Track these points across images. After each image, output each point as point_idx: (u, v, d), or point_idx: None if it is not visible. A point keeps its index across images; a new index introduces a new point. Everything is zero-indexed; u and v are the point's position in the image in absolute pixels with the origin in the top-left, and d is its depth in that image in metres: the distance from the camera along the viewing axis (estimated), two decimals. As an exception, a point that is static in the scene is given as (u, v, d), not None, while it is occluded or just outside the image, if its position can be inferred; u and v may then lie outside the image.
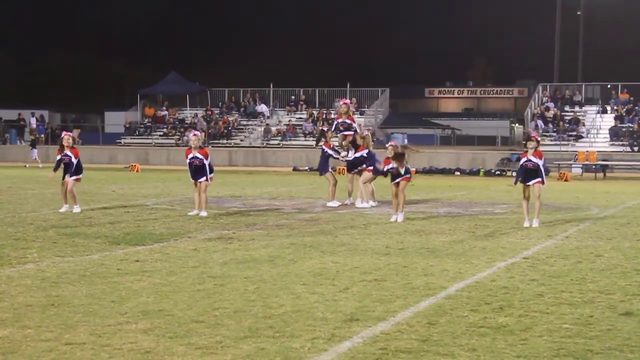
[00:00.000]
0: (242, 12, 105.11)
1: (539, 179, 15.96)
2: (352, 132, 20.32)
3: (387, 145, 17.46)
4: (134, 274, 10.12)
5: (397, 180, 16.83)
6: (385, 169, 17.43)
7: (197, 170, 17.36)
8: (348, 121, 20.50)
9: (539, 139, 16.74)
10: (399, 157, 16.92)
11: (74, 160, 17.87)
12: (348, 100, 22.35)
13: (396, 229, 15.16)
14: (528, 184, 15.96)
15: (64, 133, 18.39)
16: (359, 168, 20.00)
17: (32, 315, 7.86)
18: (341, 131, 20.43)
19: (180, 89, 56.11)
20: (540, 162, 15.95)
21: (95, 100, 79.75)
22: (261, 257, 11.57)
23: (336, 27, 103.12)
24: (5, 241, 12.96)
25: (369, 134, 21.50)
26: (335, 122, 21.07)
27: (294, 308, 8.27)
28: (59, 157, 18.05)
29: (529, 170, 15.99)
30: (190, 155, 17.39)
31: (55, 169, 18.13)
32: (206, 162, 17.28)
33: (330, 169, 20.50)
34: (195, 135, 17.68)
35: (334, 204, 19.85)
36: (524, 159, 16.08)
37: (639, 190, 27.21)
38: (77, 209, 17.66)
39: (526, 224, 15.79)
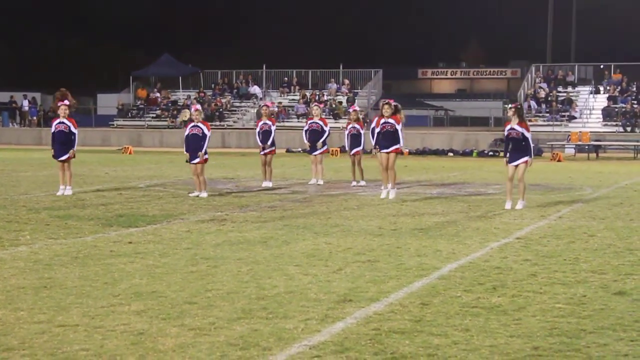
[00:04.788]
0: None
1: (526, 158, 15.18)
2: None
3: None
4: (126, 256, 10.11)
5: (385, 151, 16.95)
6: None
7: (194, 145, 17.24)
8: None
9: (518, 105, 16.04)
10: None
11: (74, 130, 17.32)
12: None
13: (389, 210, 15.16)
14: (514, 163, 15.23)
15: (60, 103, 17.60)
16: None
17: (24, 298, 7.84)
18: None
19: (173, 70, 55.91)
20: (527, 134, 15.17)
21: (87, 82, 79.35)
22: (254, 239, 11.56)
23: (329, 8, 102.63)
24: (-2, 224, 12.92)
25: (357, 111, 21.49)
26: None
27: (287, 289, 8.27)
28: (53, 129, 17.47)
29: (514, 141, 15.19)
30: (192, 125, 17.33)
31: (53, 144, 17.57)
32: (207, 134, 17.28)
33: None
34: (197, 109, 17.60)
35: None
36: (507, 127, 15.45)
37: (632, 170, 27.26)
38: (69, 190, 17.46)
39: (507, 206, 15.28)
